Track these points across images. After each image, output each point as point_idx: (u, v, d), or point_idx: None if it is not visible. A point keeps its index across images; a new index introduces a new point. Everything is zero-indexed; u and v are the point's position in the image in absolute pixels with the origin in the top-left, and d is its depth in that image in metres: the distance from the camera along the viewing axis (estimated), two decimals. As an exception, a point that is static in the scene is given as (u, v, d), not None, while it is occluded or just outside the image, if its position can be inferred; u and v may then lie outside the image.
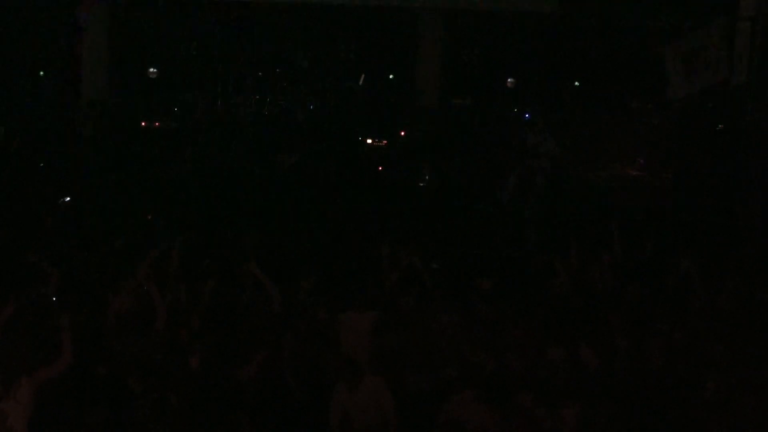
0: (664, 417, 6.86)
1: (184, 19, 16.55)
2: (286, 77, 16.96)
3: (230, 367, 7.46)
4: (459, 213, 13.44)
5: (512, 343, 7.96)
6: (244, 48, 16.94)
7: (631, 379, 7.35)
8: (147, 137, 16.55)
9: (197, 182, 15.54)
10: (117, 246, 9.70)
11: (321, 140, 16.74)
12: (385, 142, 16.74)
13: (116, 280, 9.02)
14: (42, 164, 13.97)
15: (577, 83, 17.16)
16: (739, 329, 8.19)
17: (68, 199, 11.82)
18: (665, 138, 15.88)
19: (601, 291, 9.38)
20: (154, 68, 17.10)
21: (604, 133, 17.15)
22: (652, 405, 7.02)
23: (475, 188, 15.93)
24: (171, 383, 7.16)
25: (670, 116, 16.32)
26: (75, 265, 9.55)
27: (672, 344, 7.84)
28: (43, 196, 12.40)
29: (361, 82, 17.22)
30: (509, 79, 17.25)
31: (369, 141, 16.77)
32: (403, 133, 16.80)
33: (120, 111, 17.04)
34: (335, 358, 7.91)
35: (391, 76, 17.86)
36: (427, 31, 17.09)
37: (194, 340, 7.80)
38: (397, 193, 15.34)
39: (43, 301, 8.34)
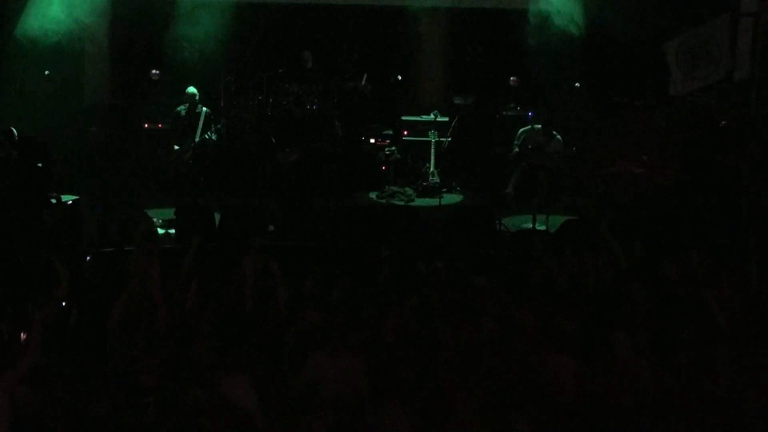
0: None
1: (187, 20, 16.51)
2: (288, 77, 16.90)
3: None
4: (459, 212, 13.42)
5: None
6: (246, 48, 16.91)
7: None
8: (149, 138, 16.53)
9: (200, 180, 15.56)
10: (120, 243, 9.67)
11: (322, 139, 16.73)
12: (387, 141, 16.73)
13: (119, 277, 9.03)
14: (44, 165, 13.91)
15: (577, 84, 17.10)
16: (744, 327, 8.18)
17: (71, 201, 11.79)
18: (668, 135, 15.88)
19: (600, 290, 9.34)
20: (155, 70, 17.05)
21: (607, 131, 17.13)
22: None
23: (479, 187, 15.97)
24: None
25: (673, 113, 16.30)
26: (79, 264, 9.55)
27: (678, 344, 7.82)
28: (47, 198, 12.36)
29: (363, 82, 17.18)
30: (512, 78, 17.21)
31: (372, 141, 16.76)
32: (405, 133, 16.77)
33: (121, 112, 17.03)
34: None
35: (399, 77, 17.81)
36: (429, 29, 17.06)
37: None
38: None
39: (54, 302, 8.31)
